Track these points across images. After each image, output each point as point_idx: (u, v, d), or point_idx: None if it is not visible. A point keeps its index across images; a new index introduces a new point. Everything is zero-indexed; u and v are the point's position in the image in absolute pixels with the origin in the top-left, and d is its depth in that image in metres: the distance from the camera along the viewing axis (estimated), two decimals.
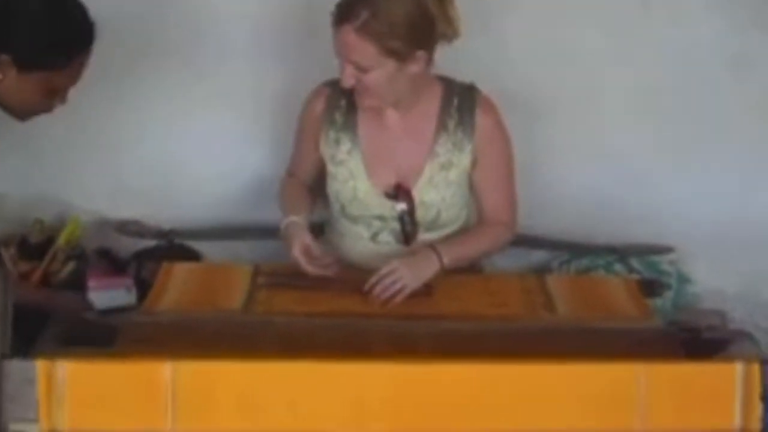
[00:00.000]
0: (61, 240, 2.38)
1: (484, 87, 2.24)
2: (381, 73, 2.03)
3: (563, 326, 2.01)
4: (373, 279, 2.05)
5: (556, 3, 2.49)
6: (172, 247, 2.53)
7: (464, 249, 2.19)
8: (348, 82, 2.05)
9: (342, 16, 1.99)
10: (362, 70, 2.03)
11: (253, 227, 2.60)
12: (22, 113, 1.95)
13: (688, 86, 2.56)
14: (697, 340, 1.88)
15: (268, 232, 2.43)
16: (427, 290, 2.12)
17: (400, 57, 2.02)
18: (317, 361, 1.67)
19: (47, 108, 1.97)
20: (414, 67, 2.05)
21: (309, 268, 2.07)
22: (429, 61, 2.08)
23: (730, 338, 1.87)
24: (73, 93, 2.02)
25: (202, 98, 2.56)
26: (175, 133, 2.60)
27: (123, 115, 2.53)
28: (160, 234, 2.56)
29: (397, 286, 2.04)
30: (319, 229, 2.34)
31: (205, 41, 2.52)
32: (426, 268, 2.09)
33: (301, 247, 2.08)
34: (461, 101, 2.20)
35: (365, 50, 2.00)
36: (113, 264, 2.49)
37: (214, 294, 2.12)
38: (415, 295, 2.09)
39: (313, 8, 2.38)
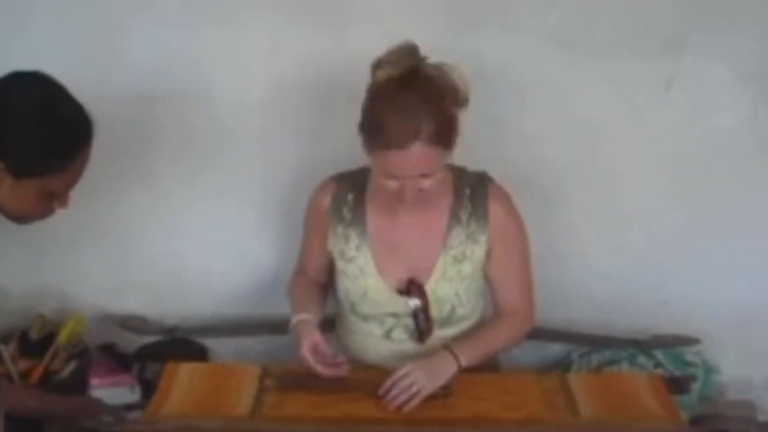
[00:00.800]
0: (62, 337, 2.31)
1: (496, 169, 2.17)
2: (440, 172, 1.97)
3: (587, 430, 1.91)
4: (388, 383, 1.96)
5: (574, 78, 2.41)
6: (177, 342, 2.46)
7: (482, 347, 2.09)
8: (413, 196, 1.96)
9: (404, 139, 1.87)
10: (426, 177, 1.94)
11: (260, 322, 2.52)
12: (21, 219, 1.88)
13: (712, 169, 2.48)
14: None
15: (276, 327, 2.36)
16: (444, 391, 2.02)
17: (455, 143, 1.96)
18: None
19: (46, 212, 1.88)
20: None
21: (318, 368, 1.99)
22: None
23: None
24: (76, 187, 1.93)
25: (206, 191, 2.49)
26: (180, 227, 2.53)
27: (127, 208, 2.47)
28: (164, 330, 2.49)
29: (413, 390, 1.95)
30: (329, 325, 2.25)
31: (209, 132, 2.45)
32: (443, 371, 2.00)
33: (310, 346, 2.00)
34: (473, 191, 2.12)
35: (437, 157, 1.93)
36: (116, 360, 2.42)
37: (220, 397, 2.02)
38: (432, 396, 2.00)
39: (321, 97, 2.36)
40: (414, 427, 1.91)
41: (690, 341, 2.51)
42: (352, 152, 2.03)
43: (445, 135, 1.91)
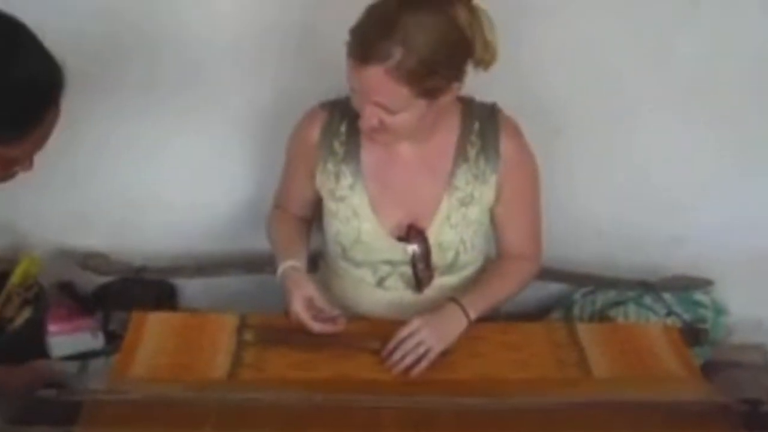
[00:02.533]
0: (15, 278, 2.08)
1: (497, 98, 1.93)
2: (411, 114, 1.71)
3: (601, 399, 1.72)
4: (392, 343, 1.75)
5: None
6: (142, 281, 2.24)
7: (490, 297, 1.88)
8: (369, 124, 1.72)
9: (367, 54, 1.63)
10: (389, 112, 1.70)
11: (236, 260, 2.33)
12: None
13: (735, 101, 2.25)
14: (756, 413, 1.68)
15: (254, 265, 2.16)
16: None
17: (435, 95, 1.71)
18: None
19: (7, 178, 1.58)
20: (445, 100, 1.73)
21: (314, 326, 1.78)
22: (460, 89, 1.76)
23: None
24: None
25: (175, 119, 2.24)
26: (146, 157, 2.29)
27: (86, 138, 2.20)
28: (130, 270, 2.29)
29: (421, 350, 1.74)
30: (311, 265, 2.02)
31: (178, 57, 2.18)
32: (452, 327, 1.78)
33: (303, 301, 1.78)
34: (483, 125, 1.88)
35: (397, 93, 1.66)
36: (76, 302, 2.20)
37: (193, 356, 1.80)
38: None
39: (302, 14, 2.12)
40: (413, 390, 1.72)
41: (702, 283, 2.36)
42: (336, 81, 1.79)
43: (419, 79, 1.64)
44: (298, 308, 1.78)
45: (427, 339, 1.73)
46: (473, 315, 1.80)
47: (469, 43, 1.68)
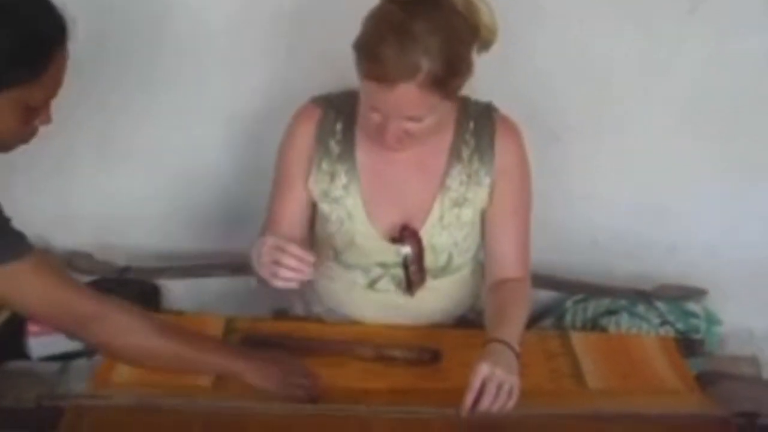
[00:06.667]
0: None
1: (497, 100, 1.88)
2: (435, 117, 1.67)
3: (595, 411, 1.69)
4: (469, 397, 1.60)
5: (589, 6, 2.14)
6: (126, 281, 2.20)
7: (520, 327, 1.77)
8: (397, 137, 1.67)
9: (394, 75, 1.57)
10: (415, 120, 1.66)
11: (222, 262, 2.27)
12: (1, 142, 1.55)
13: (734, 105, 2.22)
14: (753, 426, 1.67)
15: (238, 266, 2.12)
16: (434, 355, 1.81)
17: (456, 92, 1.67)
18: None
19: (28, 132, 1.56)
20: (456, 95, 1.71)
21: (292, 247, 1.59)
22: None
23: None
24: None
25: (161, 117, 2.19)
26: (131, 155, 2.24)
27: (71, 134, 2.13)
28: (114, 270, 2.24)
29: (506, 388, 1.61)
30: None
31: (169, 49, 2.13)
32: (511, 361, 1.66)
33: (272, 243, 1.62)
34: (478, 125, 1.84)
35: (427, 102, 1.62)
36: None
37: None
38: (421, 362, 1.80)
39: (292, 7, 2.08)
40: (402, 399, 1.68)
41: (696, 293, 2.32)
42: (343, 72, 1.72)
43: (447, 81, 1.61)
44: (270, 239, 1.63)
45: (504, 378, 1.61)
46: (517, 347, 1.70)
47: (473, 29, 1.64)
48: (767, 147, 2.27)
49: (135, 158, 2.25)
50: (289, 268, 1.58)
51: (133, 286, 2.21)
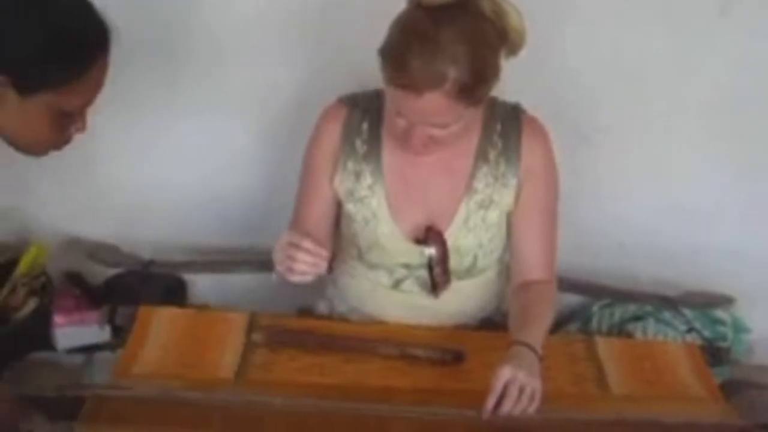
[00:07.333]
0: (22, 267, 2.04)
1: (527, 100, 1.87)
2: (461, 123, 1.65)
3: (618, 417, 1.67)
4: (490, 401, 1.59)
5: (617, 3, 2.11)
6: (152, 276, 2.19)
7: (544, 329, 1.77)
8: (422, 143, 1.66)
9: (422, 84, 1.56)
10: (441, 127, 1.64)
11: (248, 257, 2.26)
12: (33, 147, 1.53)
13: (756, 111, 2.21)
14: None
15: (263, 262, 2.06)
16: (457, 356, 1.79)
17: (482, 100, 1.66)
18: None
19: (62, 138, 1.54)
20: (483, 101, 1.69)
21: (306, 242, 1.59)
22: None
23: None
24: None
25: (189, 111, 2.19)
26: (159, 146, 2.23)
27: (99, 125, 2.07)
28: (139, 263, 2.24)
29: (528, 392, 1.60)
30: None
31: (194, 49, 2.13)
32: (533, 364, 1.65)
33: (287, 238, 1.62)
34: (505, 126, 1.82)
35: (453, 110, 1.61)
36: (83, 293, 2.15)
37: (200, 354, 1.76)
38: (444, 362, 1.78)
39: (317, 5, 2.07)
40: (424, 398, 1.67)
41: (723, 300, 2.29)
42: (368, 68, 1.69)
43: (475, 89, 1.59)
44: (286, 234, 1.63)
45: (526, 381, 1.60)
46: (539, 350, 1.69)
47: (501, 34, 1.62)
48: None
49: (161, 152, 2.24)
50: (303, 263, 1.58)
51: (159, 280, 2.22)
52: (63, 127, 1.51)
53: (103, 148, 2.22)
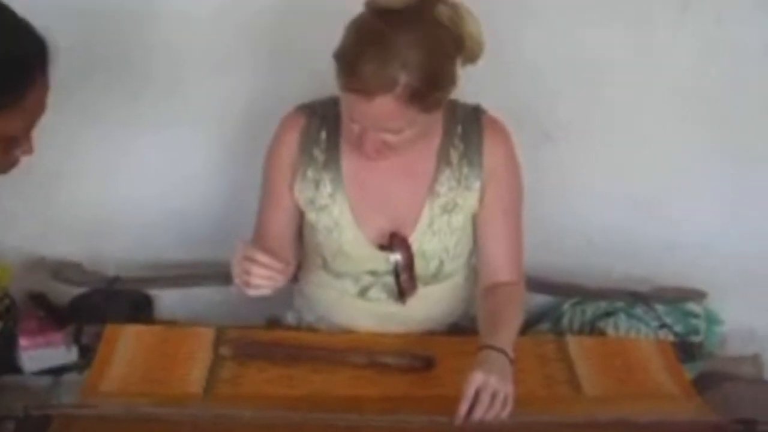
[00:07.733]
0: None
1: (489, 99, 1.86)
2: (414, 129, 1.64)
3: (590, 420, 1.66)
4: (463, 406, 1.57)
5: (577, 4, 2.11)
6: (118, 291, 2.17)
7: (514, 332, 1.75)
8: (375, 148, 1.65)
9: (372, 87, 1.55)
10: (393, 132, 1.63)
11: (213, 271, 2.23)
12: None
13: (731, 102, 2.21)
14: None
15: (229, 276, 2.03)
16: (427, 362, 1.78)
17: (437, 106, 1.65)
18: None
19: (9, 163, 1.50)
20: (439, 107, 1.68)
21: (260, 256, 1.57)
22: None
23: None
24: None
25: (150, 125, 2.16)
26: (121, 162, 2.21)
27: (59, 142, 2.09)
28: (104, 280, 2.21)
29: (500, 397, 1.58)
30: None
31: (154, 57, 2.11)
32: (505, 368, 1.64)
33: (242, 252, 1.60)
34: (466, 128, 1.82)
35: (405, 115, 1.60)
36: (48, 313, 2.13)
37: (168, 371, 1.74)
38: (414, 369, 1.77)
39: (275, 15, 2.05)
40: (394, 406, 1.65)
41: (695, 295, 2.28)
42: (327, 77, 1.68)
43: (427, 95, 1.58)
44: (241, 247, 1.61)
45: (498, 387, 1.58)
46: (510, 353, 1.68)
47: (457, 40, 1.61)
48: (761, 138, 2.24)
49: (122, 168, 2.22)
50: (258, 276, 1.57)
51: (125, 297, 2.19)
52: (7, 151, 1.47)
53: (64, 166, 2.19)
